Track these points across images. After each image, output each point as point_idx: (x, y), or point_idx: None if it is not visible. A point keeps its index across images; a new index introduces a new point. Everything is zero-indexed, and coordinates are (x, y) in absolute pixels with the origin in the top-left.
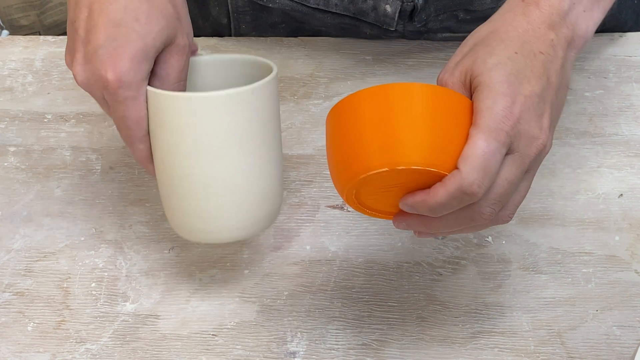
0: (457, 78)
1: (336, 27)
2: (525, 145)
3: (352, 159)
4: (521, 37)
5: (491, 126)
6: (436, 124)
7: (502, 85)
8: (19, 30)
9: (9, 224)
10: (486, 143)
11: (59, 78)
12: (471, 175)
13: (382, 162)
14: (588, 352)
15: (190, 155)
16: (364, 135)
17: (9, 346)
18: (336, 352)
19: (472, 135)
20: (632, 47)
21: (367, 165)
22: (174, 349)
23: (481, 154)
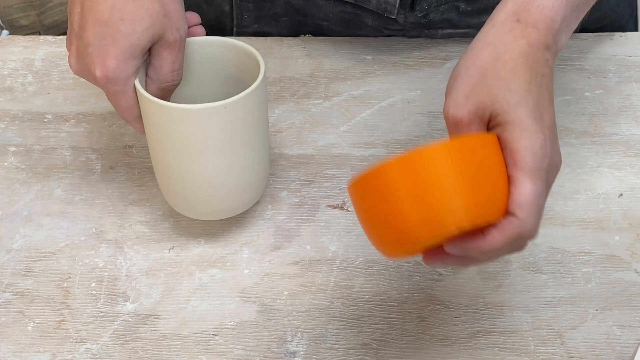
0: (472, 113)
1: (338, 17)
2: (552, 174)
3: (397, 234)
4: (527, 63)
5: (534, 167)
6: (473, 179)
7: (532, 123)
8: (19, 30)
9: (9, 223)
10: (535, 185)
11: (59, 78)
12: (529, 221)
13: (430, 234)
14: (588, 351)
15: (170, 151)
16: (404, 209)
17: (9, 346)
18: (336, 351)
19: (519, 178)
20: (632, 47)
21: (415, 240)
22: (174, 349)
23: (534, 199)
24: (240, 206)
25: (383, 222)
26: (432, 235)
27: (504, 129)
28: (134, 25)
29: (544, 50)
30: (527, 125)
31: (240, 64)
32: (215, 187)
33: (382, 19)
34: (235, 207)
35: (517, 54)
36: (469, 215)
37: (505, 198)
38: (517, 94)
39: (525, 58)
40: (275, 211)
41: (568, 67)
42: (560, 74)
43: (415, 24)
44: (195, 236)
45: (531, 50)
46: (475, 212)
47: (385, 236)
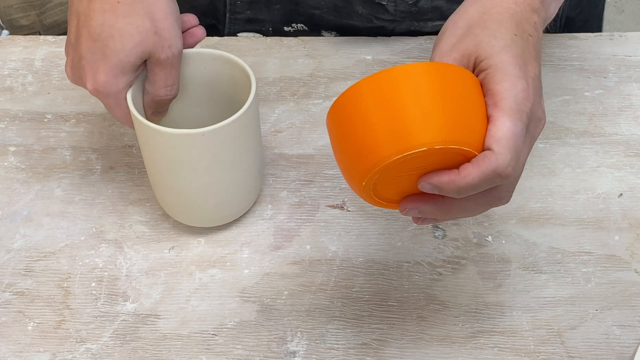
0: (456, 60)
1: (330, 5)
2: (534, 127)
3: (363, 152)
4: (514, 18)
5: (514, 108)
6: (447, 100)
7: (514, 68)
8: (19, 30)
9: (9, 223)
10: (514, 124)
11: (59, 78)
12: (506, 156)
13: (397, 148)
14: (588, 351)
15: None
16: (372, 125)
17: (9, 346)
18: (336, 351)
19: (498, 117)
20: (632, 47)
21: (381, 156)
22: (174, 349)
23: (512, 136)
24: (225, 218)
25: (353, 141)
26: (399, 149)
27: (487, 74)
28: (123, 42)
29: (530, 12)
30: (509, 70)
31: (233, 81)
32: (196, 202)
33: (372, 7)
34: (219, 219)
35: (504, 9)
36: (438, 134)
37: (482, 133)
38: (502, 41)
39: (511, 14)
40: (275, 211)
41: (568, 67)
42: (560, 74)
43: (406, 12)
44: (195, 236)
45: (518, 9)
46: (446, 132)
47: (355, 155)
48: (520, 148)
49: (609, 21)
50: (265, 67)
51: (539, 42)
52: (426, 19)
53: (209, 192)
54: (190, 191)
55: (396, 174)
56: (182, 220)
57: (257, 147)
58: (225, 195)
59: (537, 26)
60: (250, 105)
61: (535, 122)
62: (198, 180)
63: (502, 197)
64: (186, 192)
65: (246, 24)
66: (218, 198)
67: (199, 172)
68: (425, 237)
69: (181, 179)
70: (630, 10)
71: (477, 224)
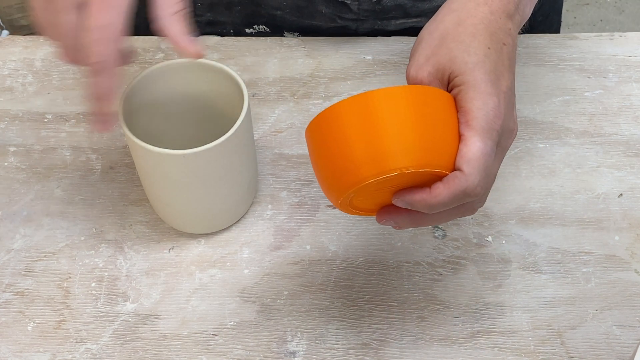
0: (431, 75)
1: (292, 6)
2: (506, 139)
3: (341, 172)
4: (488, 29)
5: (485, 127)
6: (422, 124)
7: (486, 85)
8: (19, 30)
9: (9, 223)
10: (484, 144)
11: (59, 78)
12: (475, 177)
13: (374, 171)
14: (588, 351)
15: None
16: (350, 146)
17: (9, 346)
18: (336, 351)
19: (469, 136)
20: (632, 47)
21: (359, 177)
22: (174, 349)
23: (481, 156)
24: (214, 227)
25: (332, 159)
26: (375, 172)
27: (460, 90)
28: None
29: (506, 19)
30: (481, 87)
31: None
32: (183, 213)
33: (336, 6)
34: (208, 227)
35: (478, 20)
36: (412, 158)
37: (453, 153)
38: (475, 56)
39: (486, 25)
40: (275, 211)
41: (568, 67)
42: (560, 74)
43: (369, 11)
44: (195, 236)
45: (493, 17)
46: (420, 156)
47: (333, 173)
48: (490, 166)
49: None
50: (265, 67)
51: (513, 49)
52: (389, 17)
53: (193, 206)
54: (176, 203)
55: (373, 190)
56: (175, 226)
57: (246, 163)
58: (211, 210)
59: (511, 32)
60: (237, 129)
61: (506, 135)
62: (182, 195)
63: (473, 209)
64: (173, 203)
65: (207, 26)
66: (203, 212)
67: (182, 188)
68: (425, 237)
69: (167, 192)
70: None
71: (477, 224)
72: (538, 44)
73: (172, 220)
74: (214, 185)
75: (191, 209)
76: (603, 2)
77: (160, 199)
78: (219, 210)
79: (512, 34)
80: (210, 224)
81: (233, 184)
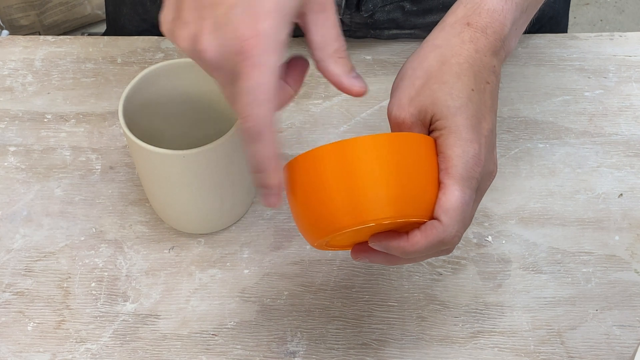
0: (414, 116)
1: None
2: (485, 181)
3: (320, 218)
4: (472, 69)
5: (464, 175)
6: (401, 175)
7: (467, 132)
8: (19, 30)
9: (9, 223)
10: (462, 194)
11: (59, 78)
12: (453, 227)
13: (351, 221)
14: (588, 351)
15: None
16: (330, 193)
17: (9, 346)
18: (336, 351)
19: (448, 185)
20: (632, 47)
21: (336, 226)
22: (174, 349)
23: (460, 206)
24: (213, 227)
25: (310, 204)
26: (354, 222)
27: (441, 134)
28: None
29: (491, 56)
30: (463, 134)
31: None
32: (182, 213)
33: None
34: (208, 228)
35: (463, 59)
36: (391, 209)
37: (432, 200)
38: (458, 100)
39: (471, 64)
40: (275, 211)
41: (568, 67)
42: (560, 74)
43: (361, 24)
44: (195, 236)
45: (478, 56)
46: (398, 207)
47: (311, 219)
48: (468, 214)
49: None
50: None
51: (496, 87)
52: (382, 28)
53: (192, 206)
54: (176, 203)
55: (349, 234)
56: (175, 226)
57: (246, 163)
58: (211, 210)
59: (495, 70)
60: (237, 129)
61: (485, 178)
62: (182, 195)
63: (449, 251)
64: (173, 203)
65: None
66: (203, 212)
67: (182, 188)
68: None
69: (167, 192)
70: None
71: (477, 224)
72: (538, 44)
73: (172, 220)
74: (214, 185)
75: (191, 209)
76: (603, 2)
77: (160, 199)
78: (219, 210)
79: (497, 71)
80: (210, 224)
81: (233, 184)
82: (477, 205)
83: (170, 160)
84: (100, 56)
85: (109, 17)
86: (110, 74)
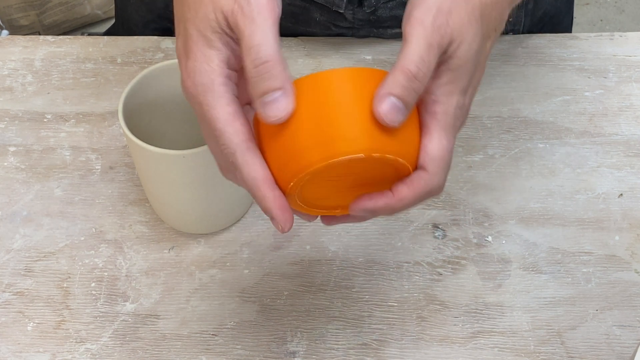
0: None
1: (287, 11)
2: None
3: (288, 158)
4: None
5: (452, 124)
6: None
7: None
8: (19, 30)
9: (9, 224)
10: (449, 142)
11: (59, 78)
12: (440, 177)
13: (320, 156)
14: (588, 351)
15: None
16: (298, 129)
17: (9, 346)
18: (336, 352)
19: (435, 131)
20: (632, 47)
21: (303, 162)
22: (174, 349)
23: (447, 154)
24: (213, 227)
25: (281, 142)
26: (323, 157)
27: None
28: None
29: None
30: (462, 83)
31: None
32: (181, 213)
33: (330, 14)
34: (207, 228)
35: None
36: (365, 142)
37: (411, 140)
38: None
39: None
40: None
41: (568, 67)
42: (560, 74)
43: (364, 21)
44: (195, 236)
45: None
46: (373, 140)
47: (282, 158)
48: (450, 161)
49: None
50: None
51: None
52: (385, 26)
53: (192, 206)
54: (176, 203)
55: (323, 185)
56: (175, 226)
57: None
58: (211, 210)
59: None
60: None
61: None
62: (181, 195)
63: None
64: (173, 203)
65: None
66: (203, 212)
67: (181, 188)
68: (425, 237)
69: (167, 192)
70: (630, 10)
71: (477, 224)
72: (538, 44)
73: (172, 220)
74: (214, 185)
75: (191, 209)
76: (603, 2)
77: (160, 199)
78: (219, 210)
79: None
80: (210, 224)
81: (233, 184)
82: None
83: (170, 160)
84: (100, 56)
85: (117, 8)
86: (110, 74)
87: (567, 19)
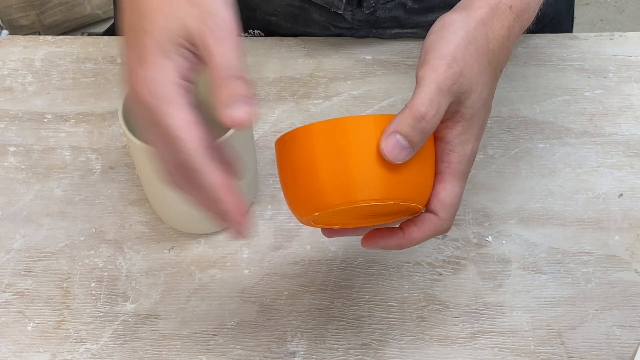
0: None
1: (286, 12)
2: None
3: (309, 194)
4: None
5: (465, 171)
6: None
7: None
8: (19, 30)
9: (9, 224)
10: (461, 189)
11: (59, 78)
12: (449, 221)
13: (340, 200)
14: (588, 351)
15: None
16: (319, 171)
17: (9, 346)
18: (336, 352)
19: (450, 180)
20: (632, 47)
21: (324, 203)
22: (174, 349)
23: (457, 201)
24: (211, 227)
25: (300, 180)
26: (343, 201)
27: (459, 124)
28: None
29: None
30: (476, 131)
31: None
32: (181, 213)
33: (329, 15)
34: (205, 228)
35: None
36: (381, 191)
37: (425, 186)
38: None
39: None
40: (275, 211)
41: (568, 67)
42: (560, 74)
43: (363, 21)
44: (195, 236)
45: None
46: (389, 189)
47: (300, 194)
48: (459, 204)
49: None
50: (265, 67)
51: None
52: (384, 27)
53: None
54: (176, 203)
55: (336, 214)
56: (175, 226)
57: (246, 163)
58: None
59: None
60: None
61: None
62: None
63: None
64: (173, 203)
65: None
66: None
67: None
68: None
69: (167, 192)
70: (630, 10)
71: (477, 224)
72: (538, 44)
73: (172, 220)
74: None
75: (191, 209)
76: (603, 2)
77: (160, 199)
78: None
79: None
80: (210, 224)
81: None
82: None
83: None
84: (100, 56)
85: (116, 8)
86: (110, 74)
87: (568, 21)
